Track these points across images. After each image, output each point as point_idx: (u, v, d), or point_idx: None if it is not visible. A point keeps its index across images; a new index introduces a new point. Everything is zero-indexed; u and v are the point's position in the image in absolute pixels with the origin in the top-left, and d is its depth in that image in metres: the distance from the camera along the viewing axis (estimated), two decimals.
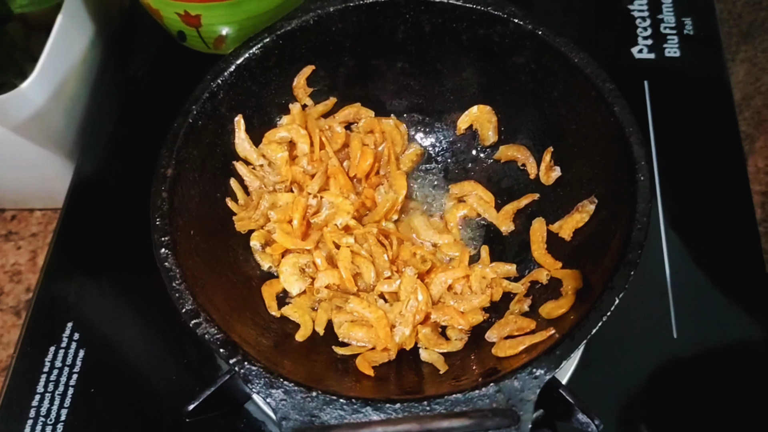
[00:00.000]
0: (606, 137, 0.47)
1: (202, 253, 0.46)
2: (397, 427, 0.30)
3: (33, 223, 0.72)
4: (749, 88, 0.74)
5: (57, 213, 0.69)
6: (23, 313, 0.65)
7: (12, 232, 0.71)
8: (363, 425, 0.31)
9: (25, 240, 0.70)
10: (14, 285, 0.67)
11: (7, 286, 0.67)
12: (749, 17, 0.79)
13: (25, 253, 0.69)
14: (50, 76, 0.60)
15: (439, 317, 0.48)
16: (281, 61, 0.53)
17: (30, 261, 0.69)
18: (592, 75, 0.47)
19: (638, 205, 0.42)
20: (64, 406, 0.53)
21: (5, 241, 0.70)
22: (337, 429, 0.31)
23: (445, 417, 0.32)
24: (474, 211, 0.55)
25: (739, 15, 0.79)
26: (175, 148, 0.47)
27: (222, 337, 0.40)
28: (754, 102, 0.73)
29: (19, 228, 0.71)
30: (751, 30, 0.78)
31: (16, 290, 0.67)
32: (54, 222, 0.69)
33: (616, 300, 0.40)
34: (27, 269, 0.68)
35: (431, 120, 0.59)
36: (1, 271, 0.68)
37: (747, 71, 0.75)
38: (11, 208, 0.72)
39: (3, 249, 0.70)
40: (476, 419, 0.31)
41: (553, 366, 0.38)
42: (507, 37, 0.52)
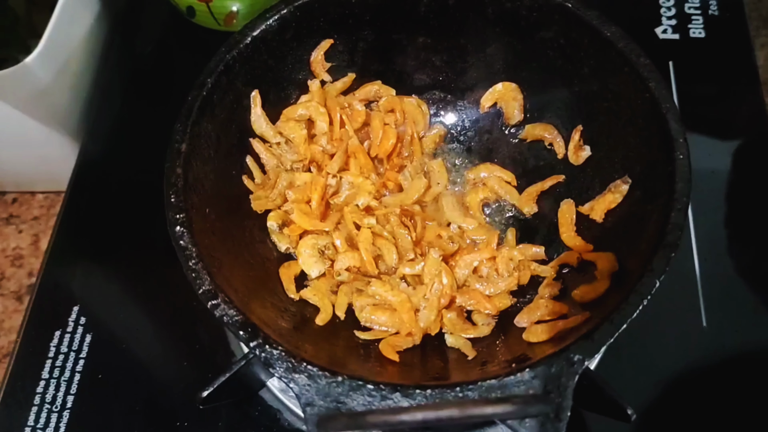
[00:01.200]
0: (640, 114, 0.46)
1: (218, 233, 0.45)
2: (438, 413, 0.28)
3: (35, 206, 0.71)
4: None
5: (60, 196, 0.69)
6: (25, 298, 0.65)
7: (13, 215, 0.70)
8: (399, 411, 0.29)
9: (26, 224, 0.70)
10: (16, 270, 0.67)
11: (8, 270, 0.67)
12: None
13: (27, 237, 0.69)
14: (55, 52, 0.60)
15: (464, 301, 0.47)
16: (299, 35, 0.52)
17: (32, 245, 0.68)
18: (626, 49, 0.46)
19: (677, 185, 0.41)
20: (71, 393, 0.53)
21: (6, 224, 0.70)
22: (371, 415, 0.29)
23: (487, 403, 0.30)
24: (495, 193, 0.54)
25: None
26: (190, 122, 0.46)
27: (241, 319, 0.39)
28: None
29: (20, 211, 0.70)
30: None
31: (17, 275, 0.66)
32: (57, 205, 0.70)
33: (657, 283, 0.39)
34: (29, 253, 0.68)
35: (454, 98, 0.58)
36: (2, 256, 0.68)
37: (767, 56, 0.74)
38: (12, 190, 0.71)
39: (4, 233, 0.69)
40: (519, 405, 0.30)
41: (592, 351, 0.37)
42: (535, 10, 0.51)
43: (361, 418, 0.30)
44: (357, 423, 0.30)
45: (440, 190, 0.53)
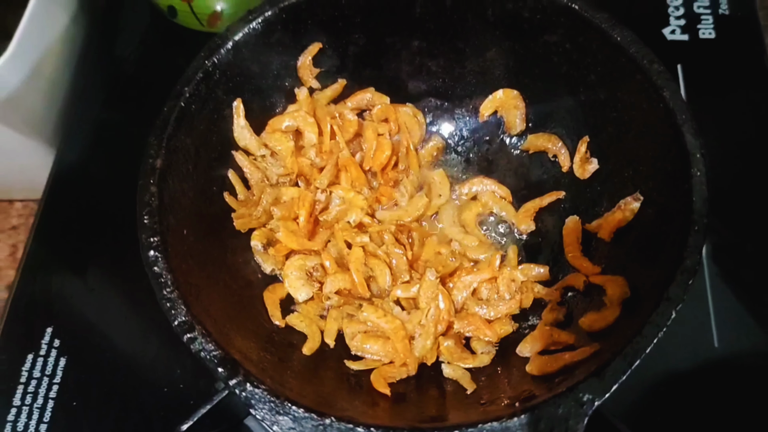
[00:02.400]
0: (653, 126, 0.44)
1: (197, 256, 0.43)
2: None
3: (13, 215, 0.70)
4: None
5: None
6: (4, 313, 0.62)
7: None
8: None
9: (4, 233, 0.68)
10: None
11: None
12: None
13: (5, 248, 0.68)
14: (27, 55, 0.59)
15: (463, 327, 0.45)
16: (284, 38, 0.51)
17: (10, 256, 0.67)
18: (637, 55, 0.45)
19: (695, 204, 0.39)
20: (44, 421, 0.52)
21: None
22: None
23: None
24: (489, 209, 0.52)
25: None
26: (166, 136, 0.44)
27: (220, 354, 0.37)
28: None
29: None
30: None
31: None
32: None
33: (674, 313, 0.37)
34: (7, 265, 0.66)
35: (451, 105, 0.57)
36: None
37: None
38: None
39: None
40: None
41: (603, 391, 0.35)
42: (539, 12, 0.49)
43: None
44: None
45: (442, 203, 0.51)
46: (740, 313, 0.54)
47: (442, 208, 0.51)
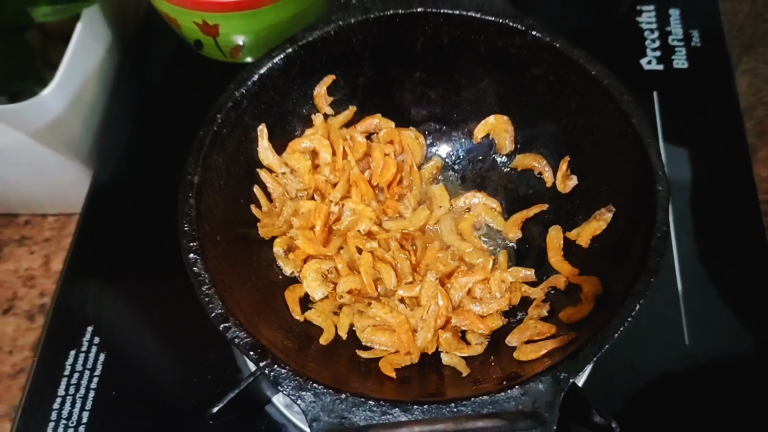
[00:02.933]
0: (623, 148, 0.48)
1: (228, 259, 0.47)
2: (435, 427, 0.31)
3: (46, 228, 0.72)
4: (751, 99, 0.75)
5: (70, 218, 0.71)
6: (37, 317, 0.66)
7: (25, 237, 0.71)
8: (398, 425, 0.32)
9: (38, 245, 0.71)
10: (28, 290, 0.68)
11: (20, 290, 0.68)
12: (751, 29, 0.80)
13: (39, 258, 0.70)
14: (69, 84, 0.61)
15: (459, 321, 0.49)
16: (303, 71, 0.54)
17: (43, 266, 0.69)
18: (610, 87, 0.48)
19: (657, 215, 0.43)
20: (86, 409, 0.54)
21: (19, 245, 0.71)
22: (372, 429, 0.32)
23: (480, 418, 0.33)
24: (481, 219, 0.56)
25: (741, 27, 0.80)
26: (201, 156, 0.47)
27: (251, 341, 0.41)
28: (756, 113, 0.74)
29: (32, 233, 0.72)
30: (753, 42, 0.79)
31: (29, 295, 0.68)
32: (67, 227, 0.71)
33: (638, 306, 0.41)
34: (40, 274, 0.69)
35: (449, 129, 0.60)
36: (15, 276, 0.69)
37: (749, 82, 0.76)
38: (24, 213, 0.72)
39: (16, 254, 0.70)
40: (509, 420, 0.32)
41: (577, 370, 0.39)
42: (525, 48, 0.52)
43: None
44: None
45: (442, 214, 0.55)
46: (710, 312, 0.56)
47: (442, 218, 0.55)
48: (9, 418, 0.60)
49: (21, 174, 0.66)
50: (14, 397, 0.61)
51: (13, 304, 0.67)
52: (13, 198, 0.70)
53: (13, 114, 0.57)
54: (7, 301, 0.67)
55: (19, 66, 0.62)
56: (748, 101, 0.75)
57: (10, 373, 0.63)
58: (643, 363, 0.54)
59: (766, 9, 0.81)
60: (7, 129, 0.58)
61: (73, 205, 0.69)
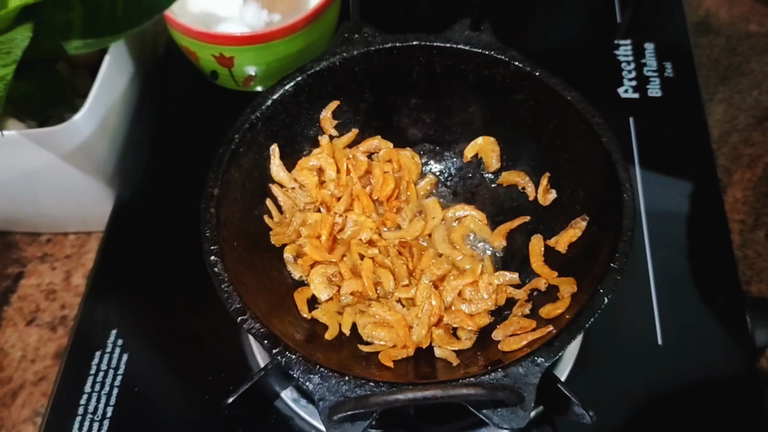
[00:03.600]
0: (595, 164, 0.51)
1: (244, 262, 0.50)
2: (425, 393, 0.35)
3: (67, 245, 0.74)
4: (727, 126, 0.79)
5: (89, 236, 0.74)
6: (58, 328, 0.68)
7: (47, 254, 0.74)
8: (395, 393, 0.36)
9: (59, 261, 0.73)
10: (50, 303, 0.70)
11: (43, 303, 0.70)
12: (726, 62, 0.84)
13: (60, 273, 0.72)
14: (97, 110, 0.64)
15: (450, 320, 0.53)
16: (311, 97, 0.57)
17: (64, 281, 0.72)
18: (583, 110, 0.52)
19: (624, 221, 0.47)
20: (110, 404, 0.57)
21: (41, 262, 0.73)
22: (372, 397, 0.37)
23: (464, 386, 0.38)
24: (470, 229, 0.59)
25: (717, 60, 0.85)
26: (221, 171, 0.51)
27: (265, 331, 0.44)
28: (731, 138, 0.78)
29: (54, 250, 0.74)
30: (727, 73, 0.83)
31: (51, 307, 0.70)
32: (87, 244, 0.74)
33: (605, 300, 0.44)
34: (61, 288, 0.71)
35: (441, 149, 0.62)
36: (38, 290, 0.71)
37: (724, 111, 0.80)
38: (47, 231, 0.75)
39: (39, 270, 0.73)
40: (489, 389, 0.37)
41: (552, 355, 0.42)
42: (508, 77, 0.56)
43: (364, 400, 0.37)
44: (361, 404, 0.37)
45: (436, 224, 0.58)
46: (680, 317, 0.59)
47: (435, 229, 0.58)
48: (32, 422, 0.63)
49: (48, 194, 0.69)
50: (36, 402, 0.64)
51: (36, 315, 0.69)
52: (37, 217, 0.73)
53: (48, 137, 0.60)
54: (31, 313, 0.70)
55: (52, 94, 0.66)
56: (723, 128, 0.79)
57: (32, 380, 0.65)
58: (621, 362, 0.57)
59: (739, 44, 0.86)
60: (40, 151, 0.61)
61: (92, 224, 0.72)
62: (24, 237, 0.75)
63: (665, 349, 0.58)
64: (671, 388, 0.56)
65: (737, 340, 0.58)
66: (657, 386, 0.56)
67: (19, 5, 0.56)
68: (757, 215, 0.71)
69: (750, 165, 0.75)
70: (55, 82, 0.67)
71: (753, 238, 0.70)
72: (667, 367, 0.57)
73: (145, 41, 0.79)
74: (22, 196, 0.68)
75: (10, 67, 0.51)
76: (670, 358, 0.58)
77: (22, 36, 0.53)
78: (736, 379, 0.56)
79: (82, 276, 0.72)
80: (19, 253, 0.74)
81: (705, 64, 0.84)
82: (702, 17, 0.88)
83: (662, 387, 0.56)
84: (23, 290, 0.71)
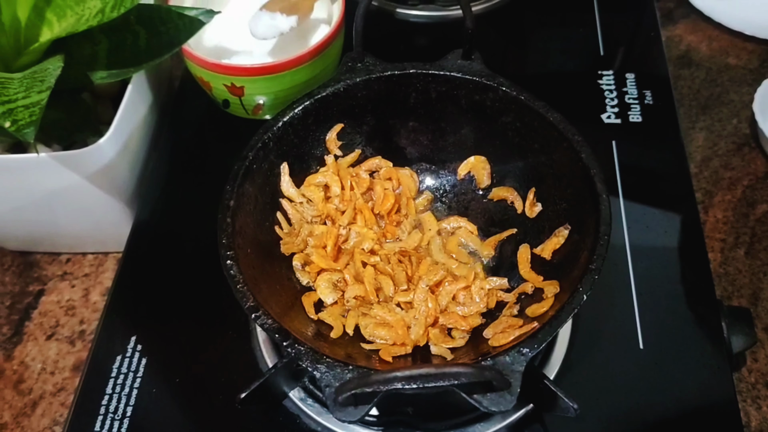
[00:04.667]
0: (576, 178, 0.54)
1: (257, 267, 0.53)
2: (420, 371, 0.39)
3: (86, 265, 0.77)
4: (708, 152, 0.82)
5: (107, 256, 0.77)
6: (77, 342, 0.71)
7: (67, 272, 0.76)
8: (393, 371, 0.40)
9: (78, 279, 0.76)
10: (69, 318, 0.73)
11: (62, 319, 0.73)
12: (706, 92, 0.88)
13: (79, 291, 0.75)
14: (119, 135, 0.66)
15: (445, 321, 0.56)
16: (317, 120, 0.60)
17: (83, 297, 0.74)
18: (564, 130, 0.55)
19: (601, 228, 0.51)
20: (130, 404, 0.60)
21: (61, 280, 0.76)
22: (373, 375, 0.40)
23: (455, 366, 0.42)
24: (463, 240, 0.63)
25: (698, 90, 0.89)
26: (236, 185, 0.54)
27: (277, 326, 0.47)
28: (712, 163, 0.81)
29: (73, 269, 0.76)
30: (708, 103, 0.87)
31: (70, 323, 0.72)
32: (104, 264, 0.77)
33: (584, 297, 0.47)
34: (80, 305, 0.74)
35: (437, 168, 0.65)
36: (58, 306, 0.73)
37: (705, 137, 0.83)
38: (66, 252, 0.77)
39: (59, 287, 0.75)
40: (477, 369, 0.41)
41: (536, 346, 0.46)
42: (497, 101, 0.59)
43: (366, 378, 0.41)
44: (363, 383, 0.40)
45: (432, 235, 0.62)
46: (662, 323, 0.61)
47: (432, 239, 0.62)
48: (51, 431, 0.65)
49: (70, 215, 0.71)
50: (55, 412, 0.66)
51: (55, 330, 0.71)
52: (58, 237, 0.75)
53: (75, 159, 0.62)
54: (51, 328, 0.71)
55: (79, 120, 0.69)
56: (705, 153, 0.82)
57: (52, 391, 0.68)
58: (605, 365, 0.60)
59: (718, 75, 0.90)
60: (66, 172, 0.64)
61: (110, 244, 0.75)
62: (45, 257, 0.77)
63: (646, 353, 0.60)
64: (652, 389, 0.58)
65: (713, 345, 0.60)
66: (638, 387, 0.59)
67: (50, 39, 0.60)
68: (737, 234, 0.74)
69: (730, 187, 0.78)
70: (81, 109, 0.71)
71: (733, 256, 0.73)
72: (648, 369, 0.60)
73: (163, 72, 0.82)
74: (45, 217, 0.71)
75: (45, 93, 0.54)
76: (650, 362, 0.60)
77: (54, 66, 0.57)
78: (712, 381, 0.59)
79: (99, 293, 0.75)
80: (41, 271, 0.76)
81: (687, 94, 0.88)
82: (683, 51, 0.93)
83: (643, 388, 0.58)
84: (44, 306, 0.74)
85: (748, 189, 0.78)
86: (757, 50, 0.91)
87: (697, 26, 0.94)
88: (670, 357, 0.60)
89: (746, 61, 0.90)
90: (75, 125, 0.70)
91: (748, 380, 0.65)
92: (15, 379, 0.68)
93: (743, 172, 0.79)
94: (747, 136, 0.82)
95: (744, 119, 0.84)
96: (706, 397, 0.58)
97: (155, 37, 0.67)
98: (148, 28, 0.64)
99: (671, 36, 0.95)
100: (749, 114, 0.83)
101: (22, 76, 0.55)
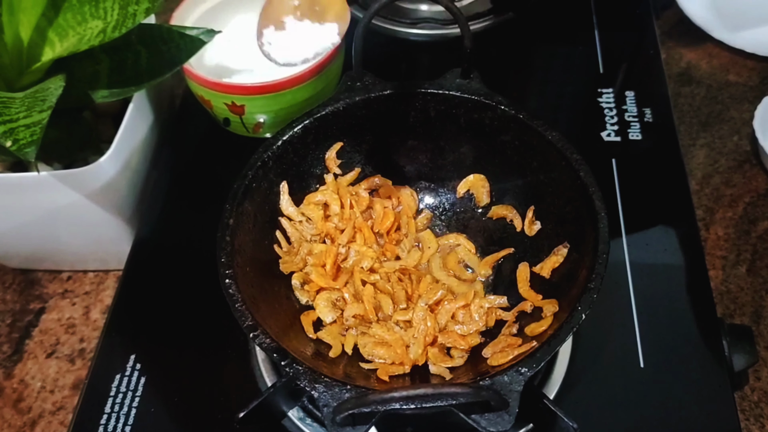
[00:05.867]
0: (574, 196, 0.55)
1: (256, 286, 0.53)
2: (417, 391, 0.40)
3: (86, 282, 0.77)
4: (709, 169, 0.83)
5: (107, 274, 0.78)
6: (77, 360, 0.71)
7: (68, 290, 0.77)
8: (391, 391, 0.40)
9: (79, 297, 0.76)
10: (69, 336, 0.73)
11: (63, 337, 0.73)
12: (707, 110, 0.89)
13: (80, 309, 0.75)
14: (120, 153, 0.67)
15: (444, 340, 0.56)
16: (317, 139, 0.61)
17: (83, 315, 0.74)
18: (563, 148, 0.55)
19: (600, 246, 0.50)
20: (128, 424, 0.60)
21: (62, 298, 0.76)
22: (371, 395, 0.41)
23: (452, 386, 0.42)
24: (462, 258, 0.63)
25: (699, 108, 0.89)
26: (235, 203, 0.54)
27: (275, 345, 0.47)
28: (713, 180, 0.81)
29: (74, 287, 0.77)
30: (708, 120, 0.87)
31: (70, 341, 0.72)
32: (105, 281, 0.78)
33: (583, 316, 0.47)
34: (80, 323, 0.74)
35: (436, 186, 0.66)
36: (58, 324, 0.74)
37: (706, 155, 0.84)
38: (67, 269, 0.78)
39: (60, 305, 0.75)
40: (475, 389, 0.41)
41: (534, 365, 0.45)
42: (495, 120, 0.59)
43: (363, 398, 0.41)
44: (361, 402, 0.40)
45: (432, 253, 0.62)
46: (662, 342, 0.61)
47: (431, 258, 0.62)
48: None
49: (71, 233, 0.71)
50: (54, 430, 0.66)
51: (55, 348, 0.71)
52: (59, 255, 0.75)
53: (76, 177, 0.63)
54: (51, 346, 0.72)
55: (80, 139, 0.70)
56: (706, 170, 0.83)
57: (51, 410, 0.68)
58: (605, 383, 0.60)
59: (719, 92, 0.90)
60: (67, 191, 0.65)
61: (110, 262, 0.76)
62: (46, 274, 0.78)
63: (647, 372, 0.61)
64: (653, 407, 0.58)
65: (714, 363, 0.60)
66: (639, 406, 0.59)
67: (52, 58, 0.61)
68: (738, 251, 0.74)
69: (731, 204, 0.78)
70: (82, 128, 0.71)
71: (735, 273, 0.73)
72: (649, 388, 0.60)
73: (164, 91, 0.82)
74: (46, 235, 0.71)
75: (46, 113, 0.55)
76: (651, 380, 0.60)
77: (55, 85, 0.57)
78: (713, 400, 0.59)
79: (99, 311, 0.75)
80: (42, 289, 0.77)
81: (688, 111, 0.88)
82: (684, 69, 0.93)
83: (644, 407, 0.58)
84: (44, 324, 0.74)
85: (749, 206, 0.78)
86: (757, 67, 0.91)
87: (698, 43, 0.94)
88: (671, 376, 0.60)
89: (746, 78, 0.90)
90: (76, 144, 0.71)
91: (751, 398, 0.65)
92: (14, 398, 0.68)
93: (744, 189, 0.79)
94: (748, 153, 0.82)
95: (745, 136, 0.84)
96: (708, 416, 0.57)
97: (156, 56, 0.67)
98: (150, 47, 0.65)
99: (671, 53, 0.96)
100: (750, 131, 0.83)
101: (23, 96, 0.56)
